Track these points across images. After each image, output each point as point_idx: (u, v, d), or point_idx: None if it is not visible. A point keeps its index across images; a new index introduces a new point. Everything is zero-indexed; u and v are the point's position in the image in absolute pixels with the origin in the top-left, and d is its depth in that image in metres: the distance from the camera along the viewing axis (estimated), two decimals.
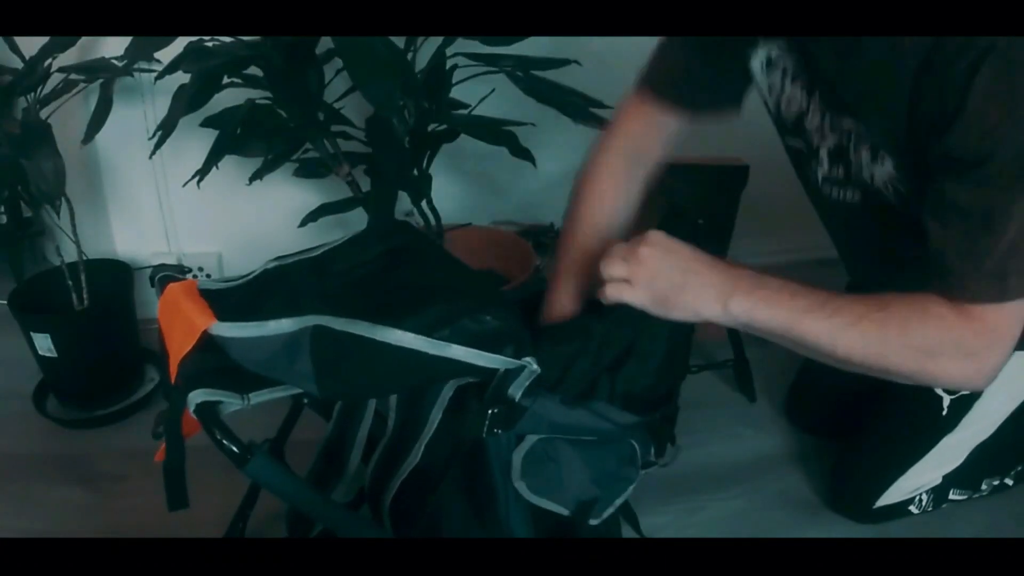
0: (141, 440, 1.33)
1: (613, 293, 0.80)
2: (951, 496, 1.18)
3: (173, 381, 0.74)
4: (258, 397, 0.74)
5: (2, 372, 1.49)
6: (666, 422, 1.03)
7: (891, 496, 1.14)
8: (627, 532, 1.10)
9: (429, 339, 0.72)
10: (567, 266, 0.96)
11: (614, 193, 0.98)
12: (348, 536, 0.83)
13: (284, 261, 0.89)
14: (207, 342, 0.73)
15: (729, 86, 1.00)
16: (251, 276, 0.87)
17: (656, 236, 0.80)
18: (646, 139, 1.00)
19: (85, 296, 1.36)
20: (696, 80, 0.97)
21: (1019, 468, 1.21)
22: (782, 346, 0.80)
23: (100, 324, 1.39)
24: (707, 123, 1.00)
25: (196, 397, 0.70)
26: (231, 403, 0.72)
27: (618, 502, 0.94)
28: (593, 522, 0.91)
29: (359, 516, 0.90)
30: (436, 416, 0.83)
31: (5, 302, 1.35)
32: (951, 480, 1.16)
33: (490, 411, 0.77)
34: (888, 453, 1.14)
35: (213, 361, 0.73)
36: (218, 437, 0.70)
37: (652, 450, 0.99)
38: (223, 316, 0.74)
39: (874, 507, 1.15)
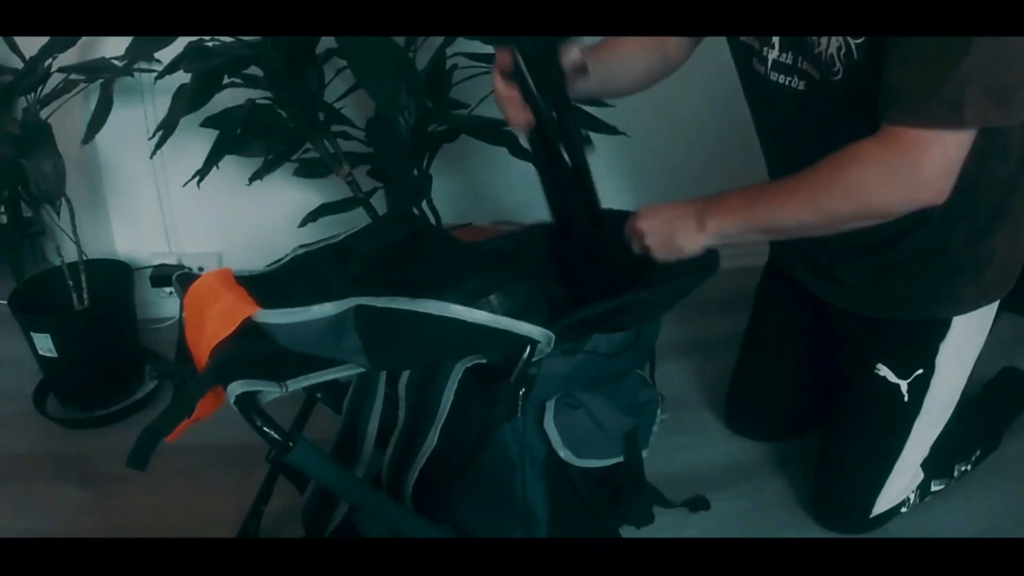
0: None
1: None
2: (933, 488, 1.19)
3: (203, 366, 0.74)
4: (295, 384, 0.75)
5: (2, 372, 1.49)
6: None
7: (884, 502, 1.14)
8: (626, 532, 1.10)
9: (469, 308, 0.75)
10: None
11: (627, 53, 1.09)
12: (382, 517, 0.86)
13: (310, 248, 0.92)
14: (247, 329, 0.74)
15: None
16: (281, 263, 0.90)
17: (643, 209, 0.96)
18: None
19: (85, 296, 1.36)
20: None
21: (977, 453, 1.25)
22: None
23: (100, 324, 1.39)
24: None
25: (236, 388, 0.71)
26: (270, 391, 0.73)
27: (655, 428, 0.99)
28: (644, 453, 0.97)
29: (393, 501, 0.91)
30: (448, 399, 0.85)
31: (5, 302, 1.35)
32: (930, 471, 1.17)
33: (521, 391, 0.80)
34: (869, 459, 1.13)
35: (247, 349, 0.74)
36: (260, 426, 0.71)
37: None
38: (265, 303, 0.76)
39: (871, 517, 1.14)
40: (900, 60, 0.80)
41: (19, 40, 1.23)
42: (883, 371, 1.09)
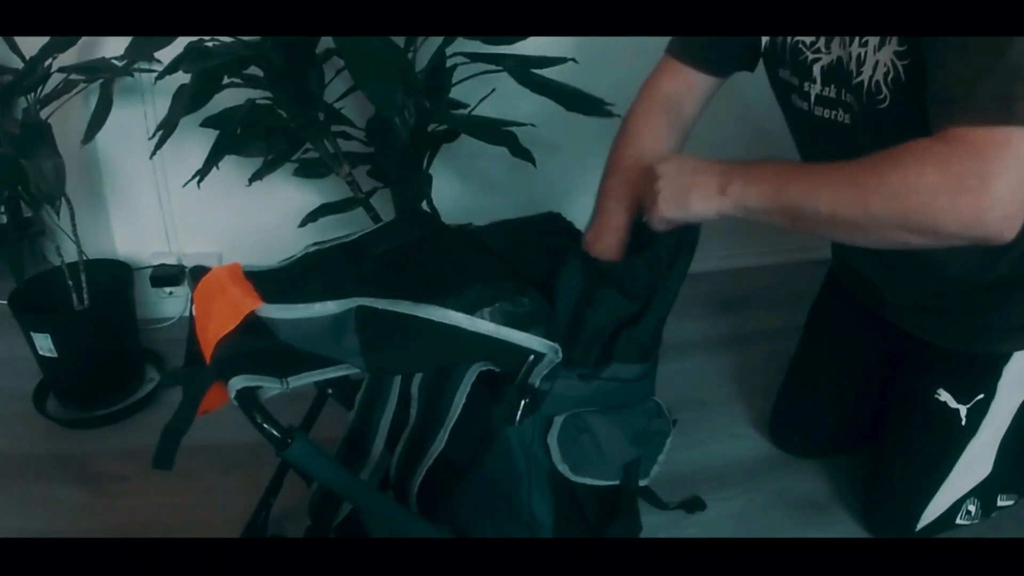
0: (141, 440, 1.33)
1: (651, 214, 0.91)
2: (1000, 503, 1.15)
3: (208, 359, 0.75)
4: (296, 381, 0.75)
5: (2, 372, 1.49)
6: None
7: (931, 514, 1.11)
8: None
9: (470, 316, 0.75)
10: (612, 189, 1.03)
11: (651, 134, 1.06)
12: (378, 517, 0.86)
13: (323, 246, 0.92)
14: (251, 323, 0.74)
15: (737, 45, 1.04)
16: (293, 259, 0.90)
17: (668, 156, 0.93)
18: (677, 93, 1.07)
19: (85, 296, 1.36)
20: (708, 42, 1.05)
21: None
22: (787, 228, 0.84)
23: (100, 324, 1.39)
24: (729, 77, 1.09)
25: (237, 383, 0.71)
26: (271, 387, 0.73)
27: (661, 458, 0.98)
28: (643, 482, 0.95)
29: (391, 499, 0.91)
30: (460, 401, 0.85)
31: (5, 302, 1.35)
32: (995, 484, 1.12)
33: (523, 401, 0.80)
34: (916, 477, 1.11)
35: (250, 344, 0.74)
36: (259, 421, 0.71)
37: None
38: (269, 298, 0.76)
39: (917, 529, 1.11)
40: (941, 62, 0.74)
41: (19, 40, 1.23)
42: (944, 396, 1.07)
